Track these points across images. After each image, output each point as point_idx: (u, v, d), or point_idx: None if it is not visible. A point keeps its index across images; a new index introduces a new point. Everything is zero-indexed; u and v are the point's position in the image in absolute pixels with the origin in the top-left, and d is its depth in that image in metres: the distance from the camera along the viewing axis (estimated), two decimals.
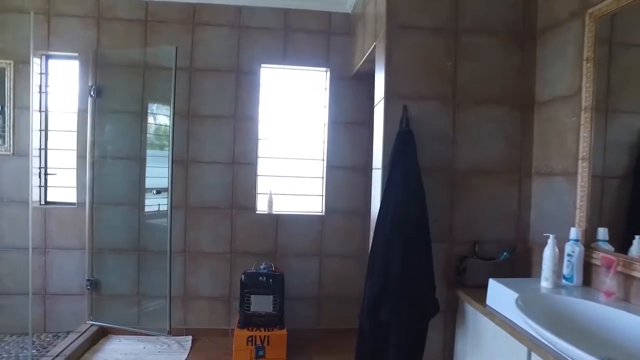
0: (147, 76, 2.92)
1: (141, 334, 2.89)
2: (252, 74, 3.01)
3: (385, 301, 1.76)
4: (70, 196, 2.97)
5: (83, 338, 2.66)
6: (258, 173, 3.08)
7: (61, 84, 3.02)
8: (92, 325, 2.85)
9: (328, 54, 3.06)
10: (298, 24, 3.02)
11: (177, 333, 2.92)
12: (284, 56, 3.04)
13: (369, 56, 2.40)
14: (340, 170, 3.10)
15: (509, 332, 1.44)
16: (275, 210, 3.08)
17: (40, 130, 2.97)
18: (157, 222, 2.89)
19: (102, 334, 2.89)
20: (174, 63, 2.61)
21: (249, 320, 2.62)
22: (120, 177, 2.95)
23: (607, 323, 1.26)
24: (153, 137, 2.99)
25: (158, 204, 2.87)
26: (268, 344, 2.56)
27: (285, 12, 3.00)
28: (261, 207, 3.10)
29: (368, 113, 2.97)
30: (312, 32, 3.04)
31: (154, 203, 2.89)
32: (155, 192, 2.87)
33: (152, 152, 2.94)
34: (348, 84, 3.07)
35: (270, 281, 2.65)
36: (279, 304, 2.65)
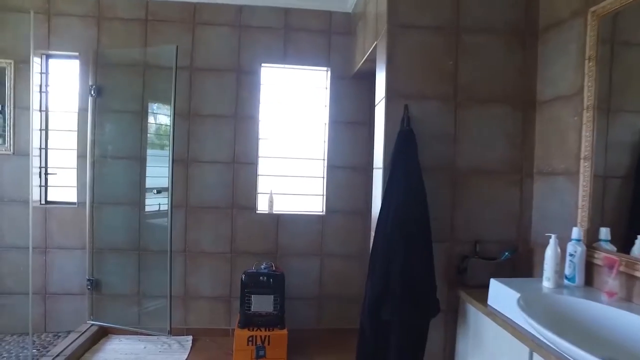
0: (148, 75, 2.91)
1: (142, 334, 2.88)
2: (252, 73, 3.01)
3: (386, 301, 1.76)
4: (71, 196, 2.97)
5: (83, 338, 2.66)
6: (258, 173, 3.07)
7: (61, 84, 3.01)
8: (92, 325, 2.85)
9: (329, 54, 3.06)
10: (299, 24, 3.02)
11: (177, 333, 2.92)
12: (285, 55, 3.03)
13: (369, 55, 2.39)
14: (340, 170, 3.10)
15: (510, 332, 1.44)
16: (275, 210, 3.08)
17: (40, 129, 2.97)
18: (158, 221, 2.88)
19: (103, 334, 2.89)
20: (175, 62, 2.60)
21: (250, 320, 2.62)
22: (120, 176, 2.95)
23: (610, 323, 1.26)
24: (153, 136, 2.98)
25: (158, 204, 2.87)
26: (269, 343, 2.56)
27: (285, 11, 3.00)
28: (262, 206, 3.10)
29: (368, 112, 2.98)
30: (313, 32, 3.04)
31: (155, 203, 2.89)
32: (155, 191, 2.87)
33: (152, 151, 2.94)
34: (349, 84, 3.07)
35: (270, 281, 2.65)
36: (280, 303, 2.65)
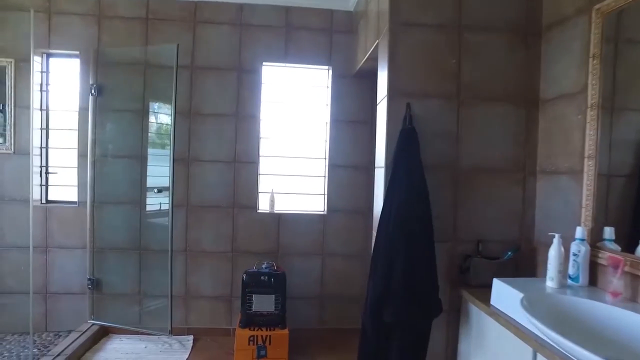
0: (148, 74, 2.91)
1: (142, 334, 2.88)
2: (253, 72, 3.00)
3: (388, 301, 1.74)
4: (71, 195, 2.96)
5: (84, 337, 2.66)
6: (260, 172, 3.07)
7: (62, 83, 3.01)
8: (93, 324, 2.84)
9: (330, 52, 3.04)
10: (300, 22, 3.01)
11: (178, 332, 2.92)
12: (286, 54, 3.02)
13: (371, 54, 2.38)
14: (342, 169, 3.09)
15: (513, 333, 1.43)
16: (277, 209, 3.07)
17: (41, 128, 2.96)
18: (159, 221, 2.88)
19: (104, 333, 2.89)
20: (175, 61, 2.59)
21: (251, 320, 2.61)
22: (121, 176, 2.94)
23: (614, 324, 1.25)
24: (154, 135, 2.98)
25: (159, 203, 2.86)
26: (270, 343, 2.55)
27: (286, 9, 2.99)
28: (263, 206, 3.09)
29: (370, 111, 2.97)
30: (314, 30, 3.02)
31: (155, 202, 2.88)
32: (156, 191, 2.87)
33: (153, 150, 2.93)
34: (350, 82, 3.06)
35: (272, 280, 2.64)
36: (281, 303, 2.64)
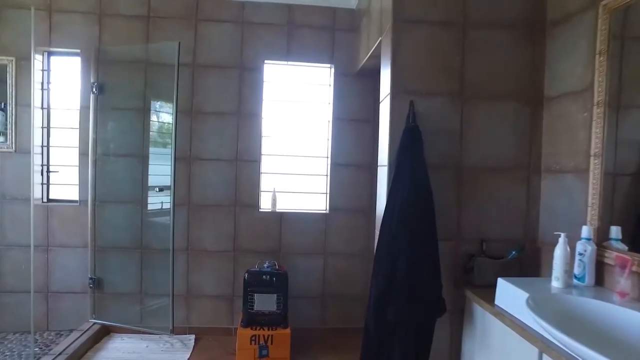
0: (150, 73, 2.89)
1: (144, 333, 2.87)
2: (255, 70, 2.98)
3: (391, 300, 1.73)
4: (73, 194, 2.96)
5: (85, 336, 2.65)
6: (261, 170, 3.05)
7: (63, 81, 3.00)
8: (94, 323, 2.83)
9: (332, 50, 3.03)
10: (302, 20, 2.99)
11: (180, 332, 2.91)
12: (288, 52, 3.00)
13: (374, 52, 2.36)
14: (344, 168, 3.07)
15: (518, 333, 1.41)
16: (279, 208, 3.05)
17: (42, 127, 2.95)
18: (160, 220, 2.87)
19: (105, 333, 2.88)
20: (177, 59, 2.58)
21: (253, 319, 2.60)
22: (122, 174, 2.93)
23: (622, 324, 1.23)
24: (156, 134, 2.96)
25: (161, 202, 2.86)
26: (272, 343, 2.54)
27: (289, 7, 2.97)
28: (265, 204, 3.07)
29: (372, 110, 2.95)
30: (316, 28, 3.01)
31: (157, 201, 2.87)
32: (157, 189, 2.86)
33: (154, 149, 2.92)
34: (352, 81, 3.04)
35: (273, 280, 2.63)
36: (283, 302, 2.63)
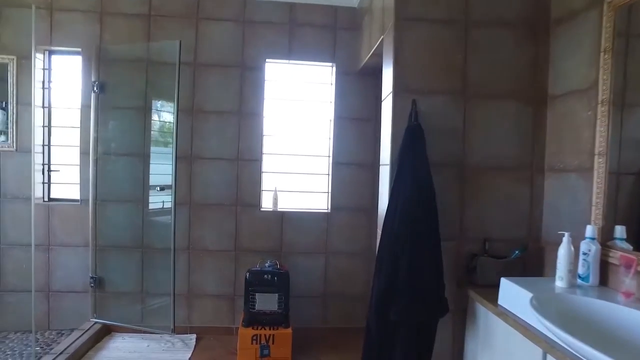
0: (151, 72, 2.88)
1: (145, 332, 2.87)
2: (256, 69, 2.97)
3: (393, 299, 1.72)
4: (74, 193, 2.95)
5: (87, 336, 2.64)
6: (263, 170, 3.04)
7: (64, 80, 2.99)
8: (95, 323, 2.83)
9: (334, 49, 3.01)
10: (303, 19, 2.98)
11: (181, 331, 2.90)
12: (289, 51, 2.99)
13: (376, 50, 2.35)
14: (346, 167, 3.06)
15: (522, 333, 1.40)
16: (280, 207, 3.04)
17: (43, 126, 2.95)
18: (161, 219, 2.86)
19: (106, 332, 2.88)
20: (178, 58, 2.58)
21: (254, 319, 2.60)
22: (123, 173, 2.93)
23: (627, 325, 1.22)
24: (157, 133, 2.96)
25: (162, 201, 2.85)
26: (273, 342, 2.53)
27: (290, 6, 2.96)
28: (266, 204, 3.07)
29: (374, 109, 2.94)
30: (318, 27, 2.99)
31: (158, 200, 2.87)
32: (159, 189, 2.85)
33: (155, 148, 2.91)
34: (354, 79, 3.02)
35: (275, 279, 2.62)
36: (284, 302, 2.62)
